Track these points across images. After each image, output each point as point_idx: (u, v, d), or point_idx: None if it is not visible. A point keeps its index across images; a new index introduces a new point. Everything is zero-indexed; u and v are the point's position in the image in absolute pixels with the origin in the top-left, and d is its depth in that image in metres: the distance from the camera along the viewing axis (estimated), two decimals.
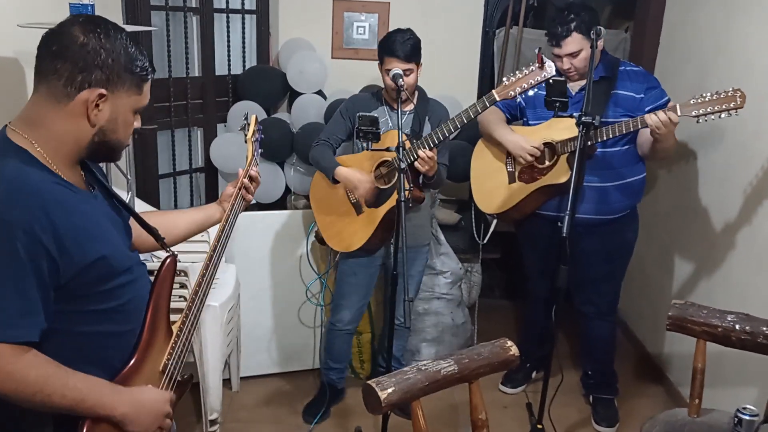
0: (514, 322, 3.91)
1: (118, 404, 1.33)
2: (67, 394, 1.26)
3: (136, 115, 1.40)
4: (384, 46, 2.59)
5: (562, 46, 2.61)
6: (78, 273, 1.28)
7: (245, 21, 3.64)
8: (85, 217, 1.32)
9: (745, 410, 1.75)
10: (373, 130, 2.32)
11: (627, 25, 4.03)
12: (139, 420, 1.37)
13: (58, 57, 1.27)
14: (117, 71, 1.30)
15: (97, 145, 1.34)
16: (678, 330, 2.07)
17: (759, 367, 2.38)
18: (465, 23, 3.86)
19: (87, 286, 1.31)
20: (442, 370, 1.66)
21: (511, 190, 2.79)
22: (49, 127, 1.30)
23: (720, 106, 2.32)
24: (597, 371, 3.09)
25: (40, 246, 1.21)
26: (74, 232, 1.27)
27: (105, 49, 1.28)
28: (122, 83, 1.32)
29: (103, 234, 1.36)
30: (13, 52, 2.28)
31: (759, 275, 2.55)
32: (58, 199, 1.27)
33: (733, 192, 2.74)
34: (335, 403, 3.08)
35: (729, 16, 2.85)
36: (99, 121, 1.32)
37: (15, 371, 1.21)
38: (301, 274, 3.16)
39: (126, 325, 1.42)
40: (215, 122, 3.62)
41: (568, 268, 2.36)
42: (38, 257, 1.21)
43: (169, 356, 1.49)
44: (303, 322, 3.24)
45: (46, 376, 1.24)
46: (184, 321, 1.54)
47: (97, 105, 1.30)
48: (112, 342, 1.39)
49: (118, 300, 1.38)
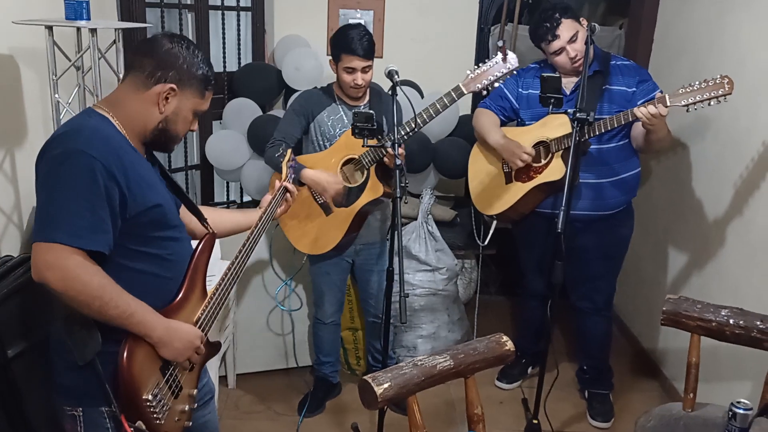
0: (510, 318, 3.92)
1: (157, 326, 1.54)
2: (120, 305, 1.46)
3: (195, 118, 1.67)
4: (340, 43, 2.57)
5: (559, 36, 2.59)
6: (139, 212, 1.52)
7: (240, 18, 3.64)
8: (148, 173, 1.59)
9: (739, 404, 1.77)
10: (369, 126, 2.30)
11: (621, 22, 4.04)
12: (171, 345, 1.58)
13: (146, 55, 1.58)
14: (188, 75, 1.59)
15: (160, 131, 1.61)
16: (672, 325, 2.08)
17: (753, 362, 2.39)
18: (460, 20, 3.86)
19: (143, 227, 1.55)
20: (438, 365, 1.67)
21: (508, 191, 2.80)
22: (126, 108, 1.58)
23: (709, 94, 2.32)
24: (592, 366, 3.10)
25: (114, 181, 1.45)
26: (139, 179, 1.52)
27: (183, 56, 1.59)
28: (190, 85, 1.61)
29: (160, 191, 1.62)
30: (8, 48, 2.27)
31: (752, 269, 2.57)
32: (129, 153, 1.54)
33: (726, 187, 2.75)
34: (330, 397, 3.09)
35: (722, 12, 2.86)
36: (166, 111, 1.59)
37: (83, 274, 1.42)
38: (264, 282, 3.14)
39: (169, 273, 1.63)
40: (210, 119, 3.62)
41: (563, 264, 2.37)
42: (112, 187, 1.45)
43: (202, 311, 1.70)
44: (298, 319, 3.24)
45: (105, 285, 1.45)
46: (220, 284, 1.75)
47: (167, 97, 1.58)
48: (156, 283, 1.60)
49: (166, 249, 1.61)
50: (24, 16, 2.20)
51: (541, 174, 2.71)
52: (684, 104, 2.36)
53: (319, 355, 3.07)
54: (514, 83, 2.84)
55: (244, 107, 3.44)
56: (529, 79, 2.81)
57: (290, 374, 3.29)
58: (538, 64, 2.86)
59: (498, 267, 4.14)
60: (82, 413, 1.56)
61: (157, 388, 1.56)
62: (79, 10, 2.21)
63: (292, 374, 3.29)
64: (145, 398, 1.52)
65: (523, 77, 2.84)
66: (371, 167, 2.60)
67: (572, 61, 2.63)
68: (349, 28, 2.60)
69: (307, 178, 2.57)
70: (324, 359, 3.07)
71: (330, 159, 2.66)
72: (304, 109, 2.72)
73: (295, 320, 3.22)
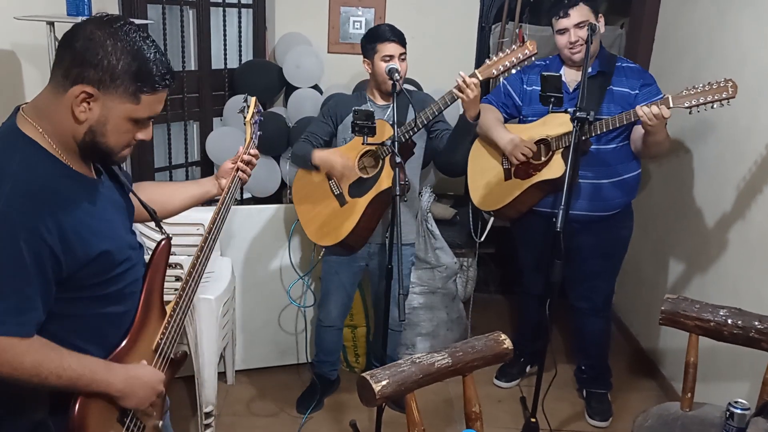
0: (508, 316, 3.92)
1: (113, 380, 1.39)
2: (62, 375, 1.30)
3: (139, 125, 1.35)
4: (373, 36, 2.61)
5: (570, 15, 2.60)
6: (80, 268, 1.32)
7: (242, 15, 3.64)
8: (91, 212, 1.35)
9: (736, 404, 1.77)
10: (368, 124, 2.32)
11: (622, 22, 4.04)
12: (133, 394, 1.43)
13: (64, 47, 1.27)
14: (112, 74, 1.26)
15: (89, 144, 1.32)
16: (671, 324, 2.08)
17: (751, 362, 2.40)
18: (461, 18, 3.86)
19: (88, 278, 1.35)
20: (436, 362, 1.68)
21: (506, 187, 2.80)
22: (51, 118, 1.30)
23: (712, 96, 2.32)
24: (591, 366, 3.11)
25: (44, 245, 1.24)
26: (79, 230, 1.29)
27: (105, 49, 1.25)
28: (115, 88, 1.27)
29: (107, 228, 1.39)
30: (10, 44, 2.27)
31: (751, 270, 2.57)
32: (64, 195, 1.29)
33: (726, 188, 2.75)
34: (328, 394, 3.09)
35: (722, 12, 2.86)
36: (87, 119, 1.29)
37: (12, 359, 1.25)
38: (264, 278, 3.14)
39: (123, 307, 1.46)
40: (211, 116, 3.62)
41: (562, 263, 2.37)
42: (41, 255, 1.24)
43: (162, 336, 1.55)
44: (298, 315, 3.24)
45: (40, 361, 1.28)
46: (177, 302, 1.58)
47: (87, 102, 1.27)
48: (109, 323, 1.44)
49: (116, 286, 1.42)
50: (25, 12, 2.20)
51: (540, 171, 2.71)
52: (687, 106, 2.36)
53: (320, 353, 3.05)
54: (519, 80, 2.84)
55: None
56: (534, 76, 2.81)
57: (289, 371, 3.29)
58: (543, 62, 2.86)
59: (497, 265, 4.15)
60: None
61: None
62: (81, 6, 2.22)
63: (291, 371, 3.29)
64: None
65: (528, 74, 2.84)
66: (386, 157, 2.61)
67: (570, 45, 2.64)
68: (378, 25, 2.68)
69: (317, 158, 2.61)
70: (324, 358, 3.05)
71: (349, 153, 2.67)
72: (331, 112, 2.76)
73: (296, 317, 3.23)
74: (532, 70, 2.84)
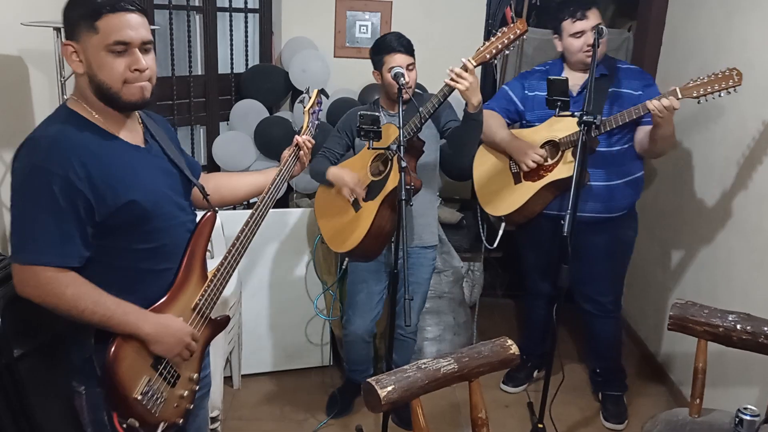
0: (515, 321, 3.91)
1: (143, 324, 1.52)
2: (97, 311, 1.46)
3: (120, 55, 1.46)
4: (381, 47, 2.59)
5: (588, 17, 2.58)
6: (112, 213, 1.48)
7: (248, 19, 3.65)
8: (122, 166, 1.51)
9: (746, 410, 1.75)
10: (374, 128, 2.32)
11: (630, 25, 4.03)
12: (162, 341, 1.56)
13: None
14: (72, 20, 1.46)
15: (98, 91, 1.49)
16: (679, 330, 2.07)
17: (760, 368, 2.38)
18: (467, 22, 3.85)
19: (120, 226, 1.51)
20: (442, 368, 1.67)
21: (518, 191, 2.79)
22: (77, 86, 1.52)
23: (719, 85, 2.33)
24: (605, 368, 3.10)
25: (75, 189, 1.42)
26: (107, 179, 1.46)
27: (68, 4, 1.47)
28: (79, 30, 1.45)
29: (140, 183, 1.54)
30: (17, 50, 2.28)
31: (761, 274, 2.55)
32: (94, 151, 1.47)
33: (734, 191, 2.73)
34: (358, 396, 3.03)
35: (730, 15, 2.85)
36: (83, 69, 1.48)
37: (55, 289, 1.44)
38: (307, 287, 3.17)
39: (163, 264, 1.61)
40: (218, 120, 3.62)
41: (570, 267, 2.36)
42: (73, 197, 1.42)
43: (201, 297, 1.68)
44: (304, 320, 3.24)
45: (80, 294, 1.45)
46: (219, 268, 1.72)
47: (75, 54, 1.47)
48: (149, 278, 1.59)
49: (153, 242, 1.57)
50: (32, 18, 2.21)
51: (551, 172, 2.70)
52: (695, 96, 2.37)
53: (349, 363, 3.01)
54: (519, 86, 2.85)
55: (251, 109, 3.45)
56: (534, 81, 2.81)
57: (296, 375, 3.29)
58: (543, 67, 2.86)
59: (504, 269, 4.13)
60: (85, 393, 1.58)
61: (148, 385, 1.55)
62: None
63: (298, 375, 3.29)
64: (135, 398, 1.51)
65: (528, 79, 2.84)
66: (393, 157, 2.60)
67: (587, 48, 2.61)
68: (386, 34, 2.66)
69: (331, 176, 2.66)
70: (355, 367, 3.00)
71: (362, 158, 2.68)
72: (346, 126, 2.76)
73: (304, 321, 3.23)
74: (533, 76, 2.84)
